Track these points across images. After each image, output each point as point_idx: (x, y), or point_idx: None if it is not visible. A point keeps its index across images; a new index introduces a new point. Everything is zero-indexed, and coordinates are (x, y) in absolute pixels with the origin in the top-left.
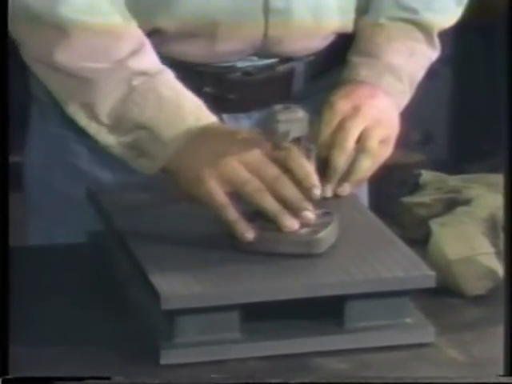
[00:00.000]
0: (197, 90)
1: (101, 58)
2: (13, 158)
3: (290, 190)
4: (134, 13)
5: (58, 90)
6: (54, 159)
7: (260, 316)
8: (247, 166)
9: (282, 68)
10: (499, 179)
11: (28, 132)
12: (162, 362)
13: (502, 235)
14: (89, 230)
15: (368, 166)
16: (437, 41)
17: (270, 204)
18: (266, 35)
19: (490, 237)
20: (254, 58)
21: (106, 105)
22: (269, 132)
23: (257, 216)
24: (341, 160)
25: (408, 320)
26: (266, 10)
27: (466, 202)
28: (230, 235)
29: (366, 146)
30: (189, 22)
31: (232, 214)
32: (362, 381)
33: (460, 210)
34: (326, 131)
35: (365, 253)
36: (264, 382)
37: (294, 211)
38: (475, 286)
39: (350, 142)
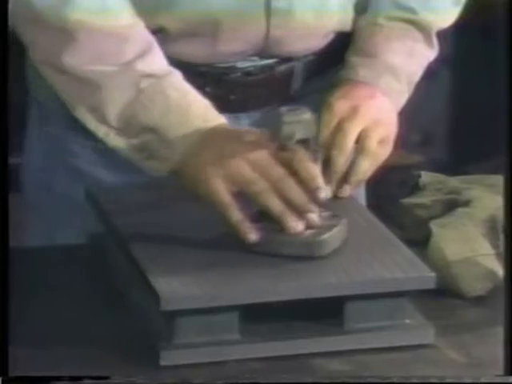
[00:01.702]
0: (198, 90)
1: (108, 61)
2: (11, 160)
3: (295, 192)
4: (137, 11)
5: (65, 93)
6: (53, 160)
7: (259, 317)
8: (253, 166)
9: (281, 68)
10: (499, 180)
11: (26, 133)
12: (162, 362)
13: (501, 236)
14: (88, 231)
15: (367, 166)
16: (435, 40)
17: (274, 204)
18: (267, 35)
19: (490, 238)
20: (255, 58)
21: (114, 108)
22: (274, 133)
23: (262, 217)
24: (340, 161)
25: (408, 321)
26: (268, 10)
27: (466, 203)
28: (235, 235)
29: (365, 147)
30: (191, 21)
31: (236, 214)
32: (362, 381)
33: (460, 211)
34: (325, 132)
35: (365, 254)
36: (264, 383)
37: (299, 213)
38: (475, 287)
39: (349, 143)
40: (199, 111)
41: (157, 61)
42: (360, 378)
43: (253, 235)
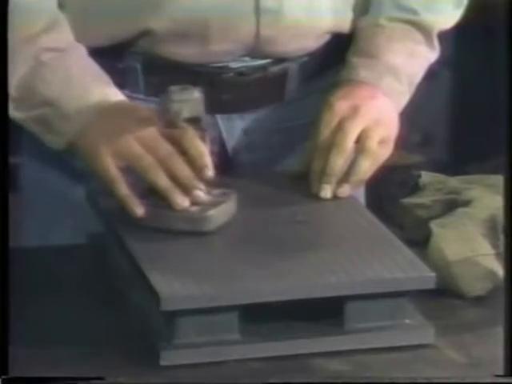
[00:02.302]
0: None
1: (14, 34)
2: (10, 159)
3: (181, 168)
4: (126, 13)
5: None
6: (51, 160)
7: (259, 317)
8: (142, 143)
9: (275, 69)
10: (499, 180)
11: (24, 133)
12: (162, 363)
13: (501, 236)
14: (86, 230)
15: (367, 166)
16: (436, 42)
17: (161, 180)
18: (257, 35)
19: (490, 238)
20: (247, 59)
21: (14, 79)
22: (164, 111)
23: (150, 193)
24: (340, 161)
25: (408, 321)
26: (257, 10)
27: (466, 203)
28: (124, 211)
29: (365, 147)
30: (180, 22)
31: (123, 189)
32: (362, 381)
33: (460, 211)
34: (325, 132)
35: (365, 254)
36: (264, 383)
37: (185, 189)
38: (475, 287)
39: (349, 143)
40: (99, 87)
41: (61, 36)
42: (360, 378)
43: (139, 210)
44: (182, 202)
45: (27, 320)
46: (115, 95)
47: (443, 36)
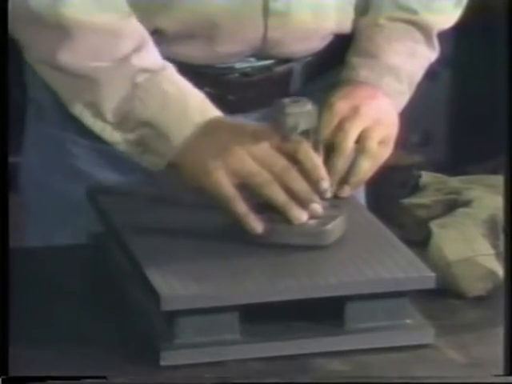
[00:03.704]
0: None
1: (103, 57)
2: (10, 159)
3: (299, 182)
4: (135, 14)
5: (62, 91)
6: (52, 160)
7: (260, 317)
8: (255, 158)
9: (279, 69)
10: (499, 180)
11: (25, 133)
12: (162, 363)
13: (501, 236)
14: (87, 230)
15: (368, 166)
16: (436, 41)
17: (278, 195)
18: (265, 37)
19: (490, 238)
20: (252, 59)
21: (110, 103)
22: (277, 125)
23: (265, 208)
24: (340, 161)
25: (408, 321)
26: (266, 12)
27: (466, 204)
28: (240, 227)
29: (365, 147)
30: (188, 23)
31: (241, 206)
32: (362, 381)
33: (460, 211)
34: (325, 132)
35: (365, 254)
36: (264, 383)
37: (302, 203)
38: (475, 287)
39: (349, 143)
40: (196, 104)
41: (151, 55)
42: (360, 378)
43: (259, 226)
44: (300, 216)
45: (27, 320)
46: (212, 111)
47: (443, 36)
